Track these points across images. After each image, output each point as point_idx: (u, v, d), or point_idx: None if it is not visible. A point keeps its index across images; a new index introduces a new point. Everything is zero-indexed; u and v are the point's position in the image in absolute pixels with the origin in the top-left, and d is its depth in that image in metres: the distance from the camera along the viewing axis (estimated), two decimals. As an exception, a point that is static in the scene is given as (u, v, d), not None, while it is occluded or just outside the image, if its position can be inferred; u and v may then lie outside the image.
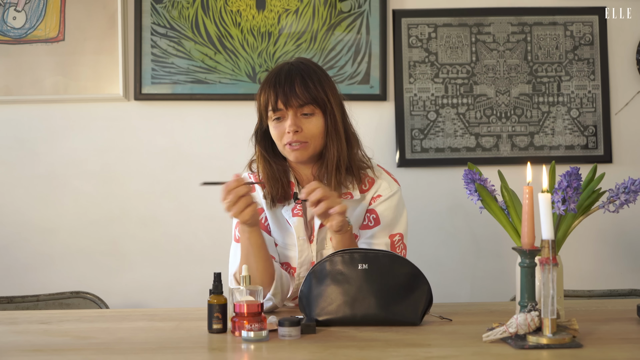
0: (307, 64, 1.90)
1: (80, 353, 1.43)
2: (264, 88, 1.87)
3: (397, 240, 1.93)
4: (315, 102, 1.84)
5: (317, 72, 1.89)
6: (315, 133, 1.86)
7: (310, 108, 1.85)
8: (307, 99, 1.84)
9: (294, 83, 1.83)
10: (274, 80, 1.85)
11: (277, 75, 1.86)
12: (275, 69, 1.90)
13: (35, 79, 2.71)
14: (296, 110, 1.84)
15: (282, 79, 1.84)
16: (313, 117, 1.86)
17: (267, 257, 1.82)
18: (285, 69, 1.87)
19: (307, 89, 1.83)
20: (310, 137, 1.85)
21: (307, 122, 1.85)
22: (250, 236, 1.79)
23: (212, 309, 1.57)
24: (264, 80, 1.90)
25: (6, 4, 2.73)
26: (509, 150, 2.77)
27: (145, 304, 2.72)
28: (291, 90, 1.83)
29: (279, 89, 1.83)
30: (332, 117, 1.87)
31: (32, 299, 2.39)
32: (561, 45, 2.79)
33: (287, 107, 1.83)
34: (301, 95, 1.83)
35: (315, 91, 1.84)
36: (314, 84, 1.85)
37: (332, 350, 1.40)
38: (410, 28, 2.78)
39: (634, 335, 1.55)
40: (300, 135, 1.84)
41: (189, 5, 2.75)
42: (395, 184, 1.98)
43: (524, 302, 1.45)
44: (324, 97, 1.86)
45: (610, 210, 1.68)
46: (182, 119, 2.77)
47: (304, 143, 1.85)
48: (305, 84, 1.84)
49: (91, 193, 2.75)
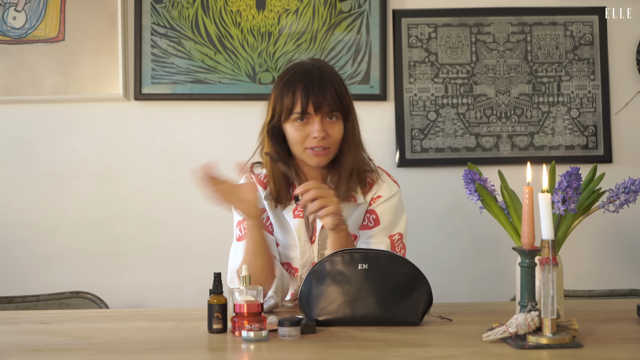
0: (331, 68, 1.90)
1: (80, 353, 1.43)
2: (289, 89, 1.84)
3: (397, 240, 1.93)
4: (341, 109, 1.85)
5: (339, 77, 1.89)
6: (338, 139, 1.87)
7: (336, 114, 1.86)
8: (337, 106, 1.84)
9: (326, 89, 1.82)
10: (305, 82, 1.83)
11: (306, 78, 1.84)
12: (299, 69, 1.87)
13: (35, 79, 2.71)
14: (323, 116, 1.84)
15: (314, 83, 1.83)
16: (337, 123, 1.86)
17: (268, 254, 1.83)
18: (316, 73, 1.85)
19: (338, 96, 1.84)
20: (333, 143, 1.86)
21: (331, 128, 1.85)
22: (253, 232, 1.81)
23: (212, 309, 1.57)
24: (286, 79, 1.86)
25: (6, 4, 2.73)
26: (509, 150, 2.77)
27: (145, 304, 2.72)
28: (324, 97, 1.82)
29: (311, 93, 1.82)
30: (353, 123, 1.89)
31: (32, 299, 2.39)
32: (561, 45, 2.79)
33: (317, 112, 1.83)
34: (332, 102, 1.83)
35: (343, 97, 1.85)
36: (342, 91, 1.85)
37: (332, 350, 1.40)
38: (410, 28, 2.78)
39: (634, 335, 1.55)
40: (326, 141, 1.84)
41: (189, 5, 2.75)
42: (395, 185, 1.98)
43: (524, 302, 1.45)
44: (348, 104, 1.87)
45: (610, 210, 1.68)
46: (182, 119, 2.77)
47: (327, 149, 1.85)
48: (335, 90, 1.84)
49: (91, 193, 2.75)
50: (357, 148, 1.90)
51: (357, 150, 1.90)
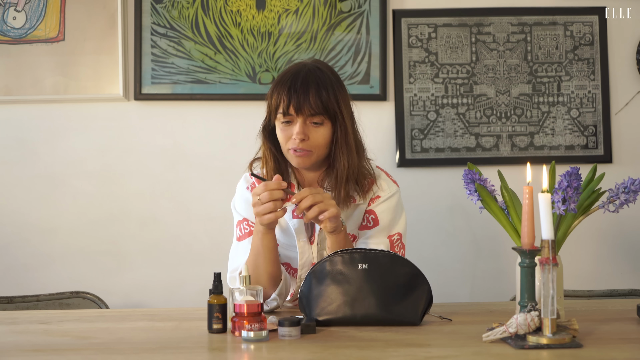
0: (324, 71, 1.87)
1: (80, 353, 1.43)
2: (277, 88, 1.84)
3: (396, 240, 1.93)
4: (326, 113, 1.82)
5: (333, 80, 1.86)
6: (321, 143, 1.85)
7: (320, 118, 1.83)
8: (320, 109, 1.81)
9: (309, 91, 1.80)
10: (289, 83, 1.82)
11: (292, 79, 1.82)
12: (292, 70, 1.86)
13: (35, 79, 2.71)
14: (306, 118, 1.82)
15: (297, 84, 1.81)
16: (321, 127, 1.84)
17: (277, 260, 1.82)
18: (303, 74, 1.83)
19: (321, 99, 1.81)
20: (315, 146, 1.84)
21: (314, 131, 1.83)
22: (264, 237, 1.79)
23: (212, 309, 1.57)
24: (278, 78, 1.87)
25: (6, 4, 2.73)
26: (509, 150, 2.77)
27: (145, 304, 2.72)
28: (305, 99, 1.80)
29: (293, 94, 1.80)
30: (342, 128, 1.85)
31: (32, 299, 2.39)
32: (561, 45, 2.79)
33: (298, 113, 1.81)
34: (314, 105, 1.80)
35: (328, 102, 1.82)
36: (328, 94, 1.82)
37: (332, 350, 1.40)
38: (410, 28, 2.78)
39: (634, 335, 1.55)
40: (305, 143, 1.82)
41: (189, 5, 2.75)
42: (394, 185, 1.98)
43: (524, 302, 1.45)
44: (335, 108, 1.83)
45: (610, 210, 1.68)
46: (182, 119, 2.77)
47: (308, 151, 1.84)
48: (319, 93, 1.81)
49: (91, 193, 2.75)
50: (351, 153, 1.86)
51: (352, 155, 1.86)
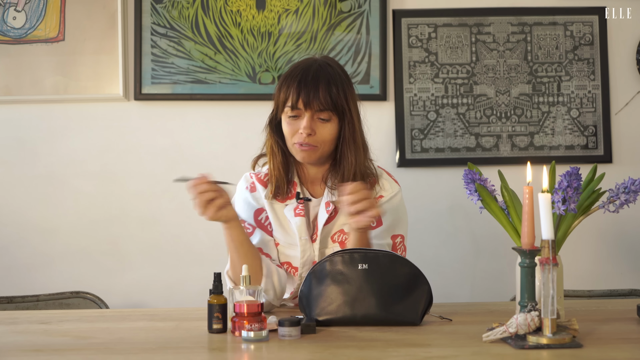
0: (334, 67, 1.88)
1: (80, 353, 1.43)
2: (287, 82, 1.85)
3: (399, 242, 1.93)
4: (334, 109, 1.83)
5: (342, 77, 1.87)
6: (327, 139, 1.85)
7: (328, 114, 1.83)
8: (328, 105, 1.82)
9: (319, 87, 1.81)
10: (299, 77, 1.83)
11: (303, 73, 1.83)
12: (302, 64, 1.87)
13: (35, 79, 2.71)
14: (314, 114, 1.83)
15: (307, 79, 1.82)
16: (328, 123, 1.84)
17: (251, 252, 1.80)
18: (313, 69, 1.84)
19: (330, 95, 1.82)
20: (321, 142, 1.84)
21: (321, 127, 1.84)
22: (230, 232, 1.77)
23: (212, 309, 1.57)
24: (287, 72, 1.87)
25: (6, 4, 2.73)
26: (509, 150, 2.77)
27: (145, 304, 2.72)
28: (314, 94, 1.81)
29: (303, 88, 1.81)
30: (350, 125, 1.86)
31: (32, 299, 2.39)
32: (561, 45, 2.79)
33: (306, 108, 1.82)
34: (323, 101, 1.81)
35: (337, 98, 1.83)
36: (338, 91, 1.83)
37: (332, 350, 1.40)
38: (410, 28, 2.78)
39: (634, 335, 1.55)
40: (312, 138, 1.83)
41: (189, 5, 2.75)
42: (396, 185, 1.98)
43: (524, 302, 1.45)
44: (344, 105, 1.84)
45: (610, 210, 1.68)
46: (182, 119, 2.77)
47: (314, 146, 1.84)
48: (329, 89, 1.82)
49: (91, 193, 2.75)
50: (358, 150, 1.87)
51: (359, 153, 1.88)
